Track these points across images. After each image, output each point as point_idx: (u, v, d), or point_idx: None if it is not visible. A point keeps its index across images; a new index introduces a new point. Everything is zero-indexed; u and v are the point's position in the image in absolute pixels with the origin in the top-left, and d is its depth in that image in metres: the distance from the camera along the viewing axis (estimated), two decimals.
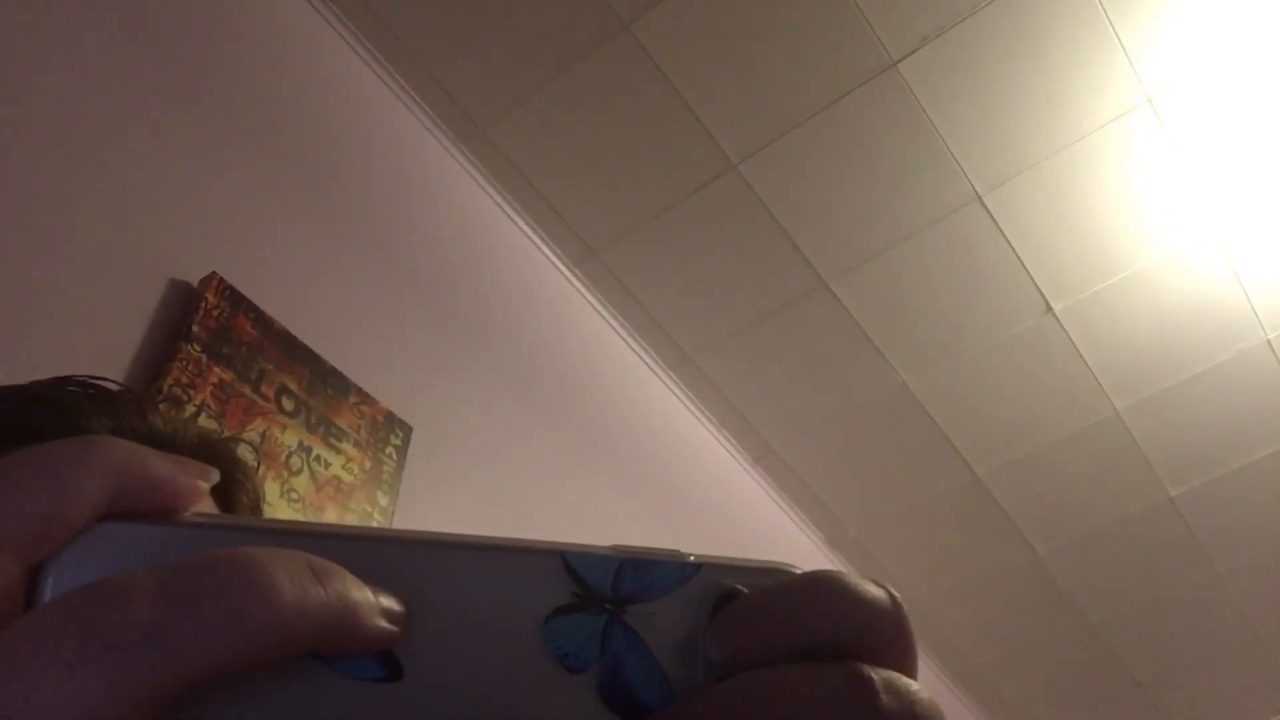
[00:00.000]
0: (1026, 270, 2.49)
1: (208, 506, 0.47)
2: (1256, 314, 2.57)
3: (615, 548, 0.22)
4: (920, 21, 2.10)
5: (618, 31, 2.09)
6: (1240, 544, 3.08)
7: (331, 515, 1.51)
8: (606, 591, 0.21)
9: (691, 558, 0.22)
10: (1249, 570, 3.15)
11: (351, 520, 1.54)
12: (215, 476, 0.21)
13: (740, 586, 0.22)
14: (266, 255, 1.65)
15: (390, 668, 0.20)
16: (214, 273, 1.49)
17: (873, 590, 0.22)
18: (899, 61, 2.15)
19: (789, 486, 3.00)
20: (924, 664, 3.48)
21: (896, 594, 0.22)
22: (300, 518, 1.45)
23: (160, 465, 0.20)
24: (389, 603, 0.19)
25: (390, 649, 0.20)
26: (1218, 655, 3.41)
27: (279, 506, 1.43)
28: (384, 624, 0.19)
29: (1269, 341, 2.62)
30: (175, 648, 0.17)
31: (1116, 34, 2.11)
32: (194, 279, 1.48)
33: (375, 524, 1.58)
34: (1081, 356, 2.66)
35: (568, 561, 0.21)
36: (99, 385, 0.49)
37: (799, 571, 0.22)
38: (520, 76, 2.17)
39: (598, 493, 2.26)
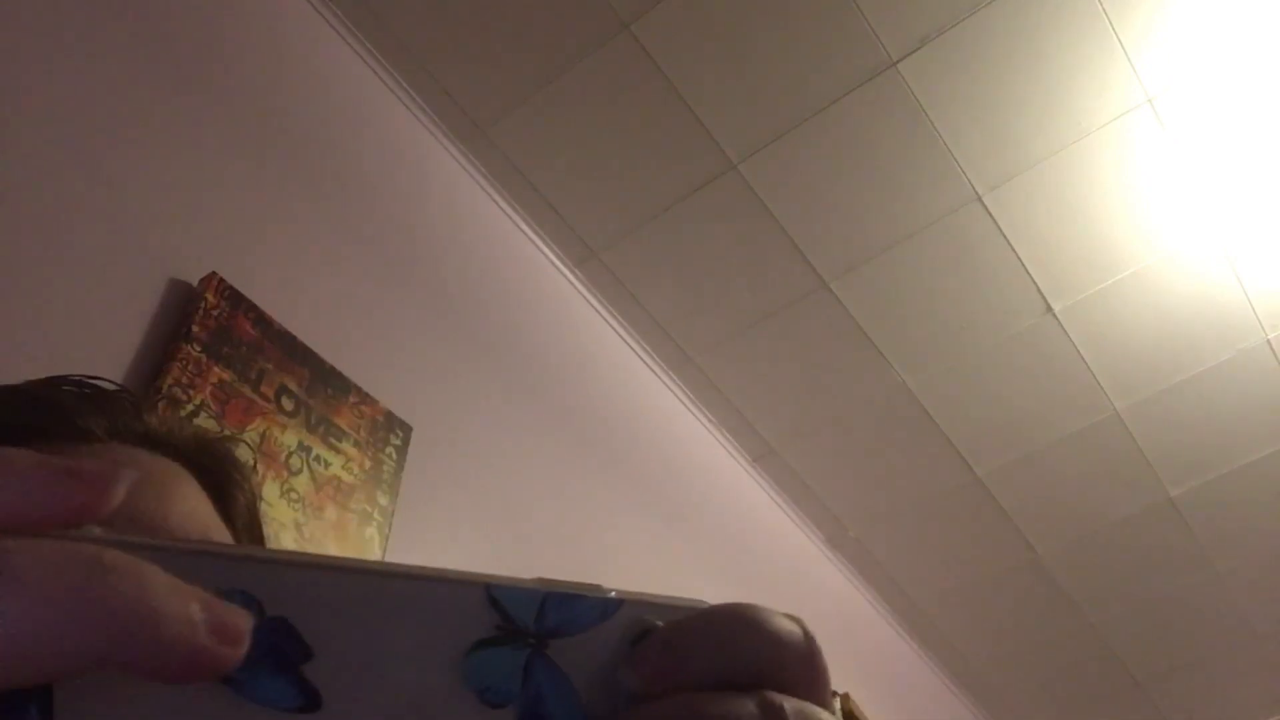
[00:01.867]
0: (1026, 270, 2.49)
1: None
2: (1256, 314, 2.57)
3: (539, 580, 0.22)
4: (920, 21, 2.09)
5: (618, 31, 2.09)
6: (1240, 544, 3.08)
7: (331, 515, 1.51)
8: (530, 625, 0.21)
9: (613, 593, 0.22)
10: (1249, 570, 3.15)
11: (351, 520, 1.54)
12: (126, 480, 0.18)
13: (658, 623, 0.22)
14: (266, 255, 1.65)
15: (308, 697, 0.19)
16: (214, 273, 1.49)
17: (784, 624, 0.22)
18: (899, 61, 2.15)
19: (789, 486, 3.00)
20: (924, 663, 3.48)
21: (808, 627, 0.22)
22: (300, 517, 1.45)
23: (33, 471, 0.17)
24: (226, 616, 0.17)
25: (303, 676, 0.19)
26: (1218, 655, 3.41)
27: (279, 506, 1.43)
28: (203, 639, 0.17)
29: (1269, 341, 2.62)
30: None
31: (1116, 34, 2.11)
32: (194, 279, 1.48)
33: (374, 524, 1.58)
34: (1081, 356, 2.66)
35: (492, 594, 0.21)
36: (95, 385, 0.48)
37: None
38: (520, 76, 2.17)
39: (597, 493, 2.26)
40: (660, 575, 2.33)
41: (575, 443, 2.26)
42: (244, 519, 0.50)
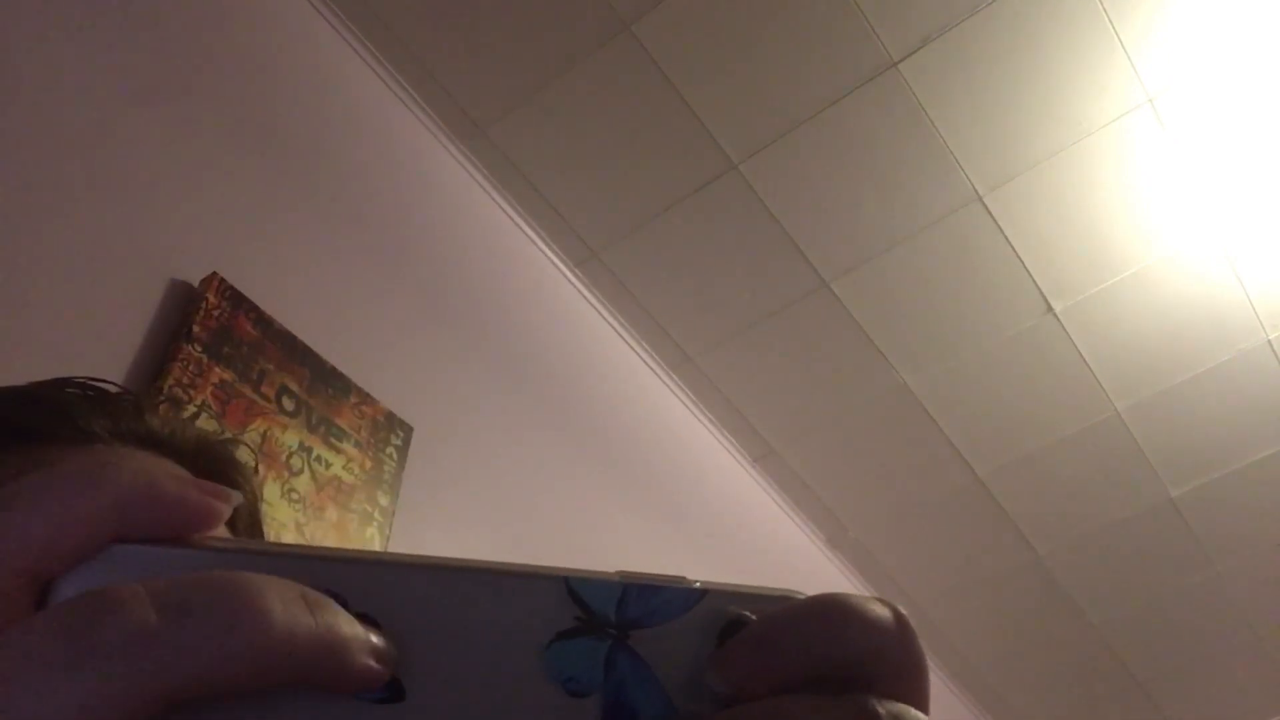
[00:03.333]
0: (1027, 270, 2.49)
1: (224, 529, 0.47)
2: (1257, 314, 2.57)
3: (620, 573, 0.22)
4: (920, 21, 2.10)
5: (618, 31, 2.09)
6: (1240, 544, 3.08)
7: (332, 515, 1.51)
8: (610, 616, 0.21)
9: (697, 584, 0.22)
10: (1249, 570, 3.15)
11: (352, 520, 1.54)
12: (236, 499, 0.21)
13: (746, 613, 0.22)
14: (266, 255, 1.65)
15: (391, 690, 0.20)
16: (214, 273, 1.49)
17: (880, 612, 0.21)
18: (899, 61, 2.15)
19: (789, 486, 3.00)
20: None
21: (904, 614, 0.22)
22: (300, 517, 1.45)
23: (171, 487, 0.20)
24: (379, 641, 0.19)
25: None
26: (1218, 655, 3.41)
27: (279, 506, 1.43)
28: (371, 663, 0.19)
29: (1269, 341, 2.62)
30: (161, 659, 0.17)
31: (1117, 34, 2.11)
32: (194, 279, 1.48)
33: (375, 524, 1.58)
34: (1082, 356, 2.66)
35: (571, 586, 0.21)
36: (98, 386, 0.49)
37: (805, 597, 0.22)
38: (520, 76, 2.17)
39: (598, 493, 2.26)
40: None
41: (575, 443, 2.26)
42: (245, 521, 0.50)
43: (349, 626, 0.19)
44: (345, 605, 0.20)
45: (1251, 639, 3.35)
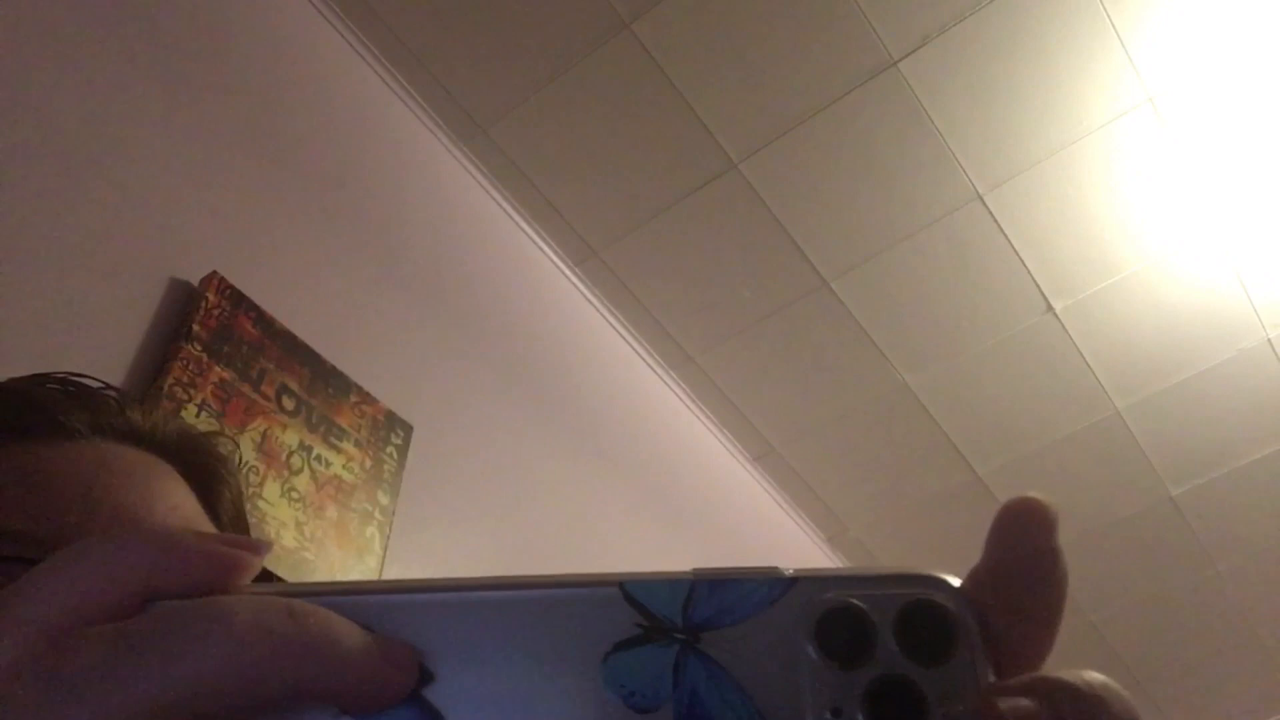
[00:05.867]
0: (1027, 270, 2.49)
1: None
2: (1257, 313, 2.57)
3: (694, 571, 0.20)
4: (920, 21, 2.10)
5: (618, 31, 2.09)
6: (1240, 544, 3.08)
7: (332, 514, 1.51)
8: (677, 619, 0.19)
9: (788, 571, 0.20)
10: (1249, 570, 3.15)
11: (352, 519, 1.54)
12: (266, 549, 0.21)
13: (852, 599, 0.20)
14: (266, 255, 1.65)
15: (428, 717, 0.19)
16: (214, 272, 1.49)
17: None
18: (899, 61, 2.15)
19: (789, 486, 3.00)
20: None
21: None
22: (300, 516, 1.45)
23: (197, 543, 0.21)
24: (396, 649, 0.19)
25: (425, 700, 0.19)
26: (1218, 655, 3.41)
27: (279, 505, 1.43)
28: (387, 669, 0.19)
29: (1269, 341, 2.62)
30: (131, 675, 0.18)
31: (1117, 33, 2.11)
32: (194, 279, 1.48)
33: (375, 523, 1.58)
34: (1082, 356, 2.66)
35: (627, 591, 0.20)
36: (77, 382, 0.48)
37: (954, 584, 0.21)
38: (520, 76, 2.17)
39: (597, 491, 2.26)
40: None
41: (575, 441, 2.26)
42: (230, 513, 0.50)
43: (353, 637, 0.19)
44: None
45: (1251, 639, 3.35)
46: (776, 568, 0.20)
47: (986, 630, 0.20)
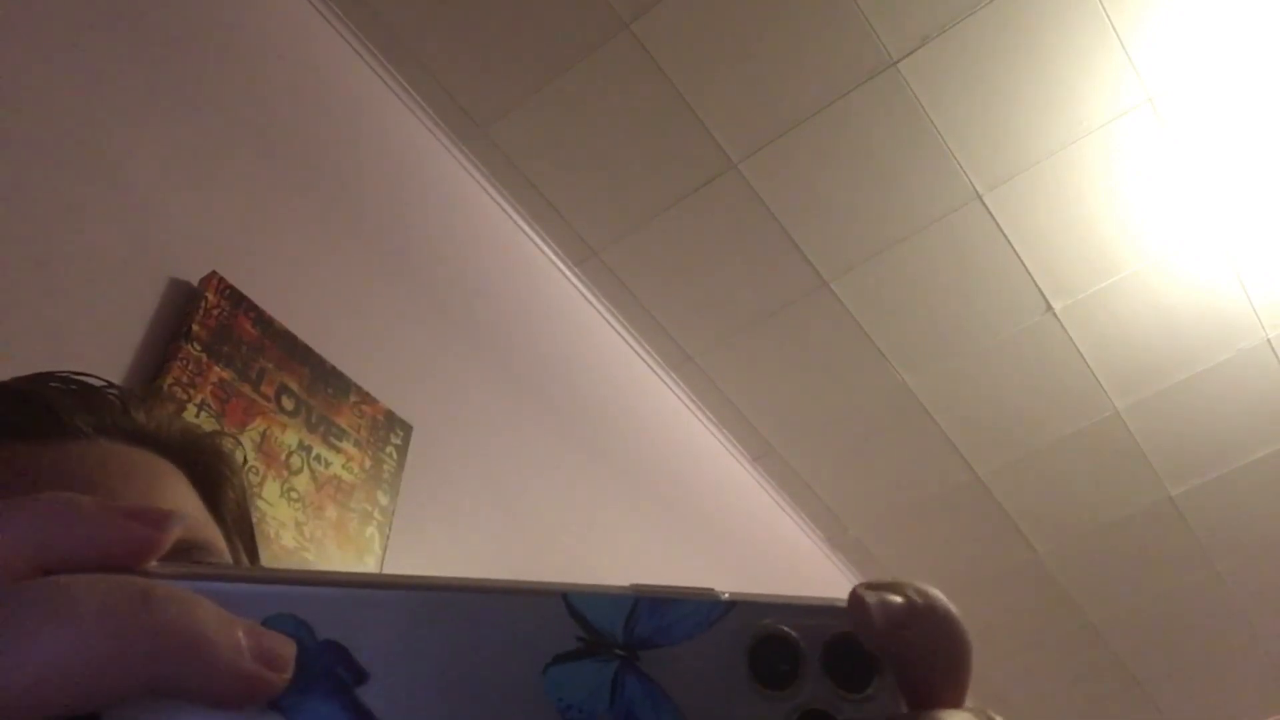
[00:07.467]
0: (1027, 270, 2.49)
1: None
2: (1257, 314, 2.57)
3: (634, 586, 0.20)
4: (920, 21, 2.09)
5: (618, 31, 2.09)
6: (1240, 544, 3.08)
7: (331, 514, 1.51)
8: (617, 635, 0.19)
9: (725, 595, 0.20)
10: (1249, 570, 3.15)
11: (351, 519, 1.54)
12: (177, 523, 0.19)
13: (783, 627, 0.20)
14: (266, 255, 1.65)
15: (359, 718, 0.18)
16: (214, 272, 1.49)
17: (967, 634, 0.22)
18: (899, 61, 2.15)
19: (789, 485, 3.00)
20: None
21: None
22: (300, 516, 1.45)
23: (93, 513, 0.19)
24: (270, 643, 0.18)
25: (357, 700, 0.18)
26: (1218, 655, 3.41)
27: (279, 506, 1.43)
28: (249, 665, 0.18)
29: (1269, 341, 2.62)
30: None
31: (1117, 33, 2.11)
32: (194, 279, 1.48)
33: (375, 523, 1.58)
34: (1082, 356, 2.66)
35: (570, 603, 0.19)
36: (81, 381, 0.48)
37: (841, 605, 0.21)
38: (520, 76, 2.17)
39: (597, 491, 2.26)
40: (660, 574, 2.33)
41: (575, 442, 2.26)
42: (233, 514, 0.50)
43: (217, 627, 0.18)
44: (311, 632, 0.19)
45: (1251, 639, 3.35)
46: (714, 590, 0.20)
47: (899, 666, 0.21)
